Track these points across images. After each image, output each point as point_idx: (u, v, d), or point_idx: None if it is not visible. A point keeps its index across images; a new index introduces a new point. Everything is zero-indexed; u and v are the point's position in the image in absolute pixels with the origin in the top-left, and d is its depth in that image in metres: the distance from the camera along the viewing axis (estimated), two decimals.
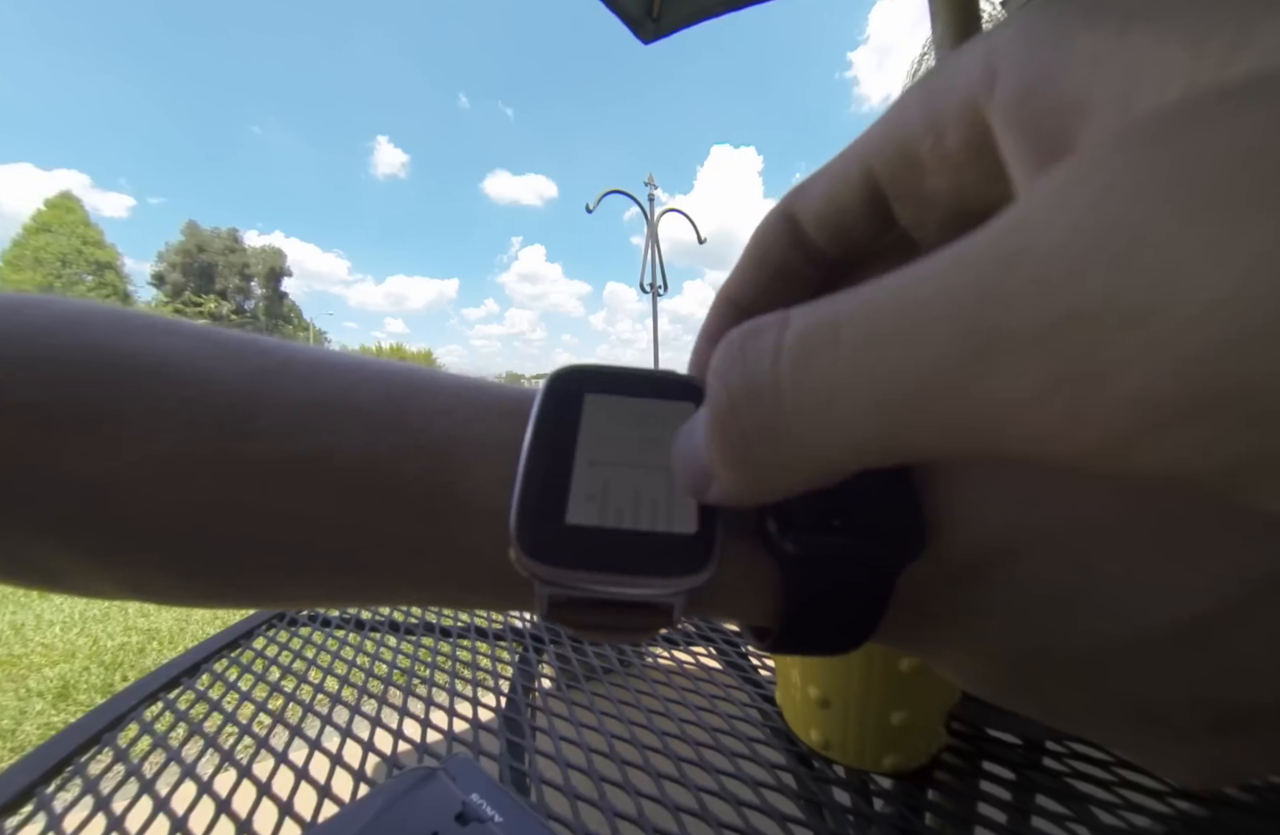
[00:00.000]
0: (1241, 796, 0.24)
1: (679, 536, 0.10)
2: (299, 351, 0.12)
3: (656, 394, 0.12)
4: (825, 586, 0.10)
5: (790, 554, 0.10)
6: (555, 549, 0.10)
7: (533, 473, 0.10)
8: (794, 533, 0.10)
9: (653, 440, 0.11)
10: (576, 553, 0.10)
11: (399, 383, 0.12)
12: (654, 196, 5.18)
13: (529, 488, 0.10)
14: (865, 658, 0.24)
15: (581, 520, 0.10)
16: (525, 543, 0.10)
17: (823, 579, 0.10)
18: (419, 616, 0.48)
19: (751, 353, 0.08)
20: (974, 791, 0.25)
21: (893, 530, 0.10)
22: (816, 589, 0.10)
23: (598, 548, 0.10)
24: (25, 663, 2.12)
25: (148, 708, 0.35)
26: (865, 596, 0.10)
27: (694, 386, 0.12)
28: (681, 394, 0.12)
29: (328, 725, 0.33)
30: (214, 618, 2.58)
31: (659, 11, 1.27)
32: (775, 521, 0.10)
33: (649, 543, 0.10)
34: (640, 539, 0.10)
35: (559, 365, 0.12)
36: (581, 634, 0.12)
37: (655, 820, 0.24)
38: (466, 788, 0.19)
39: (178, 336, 0.12)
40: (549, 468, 0.10)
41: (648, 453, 0.11)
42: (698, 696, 0.33)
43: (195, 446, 0.11)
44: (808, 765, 0.27)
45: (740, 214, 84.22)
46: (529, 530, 0.10)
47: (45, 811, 0.27)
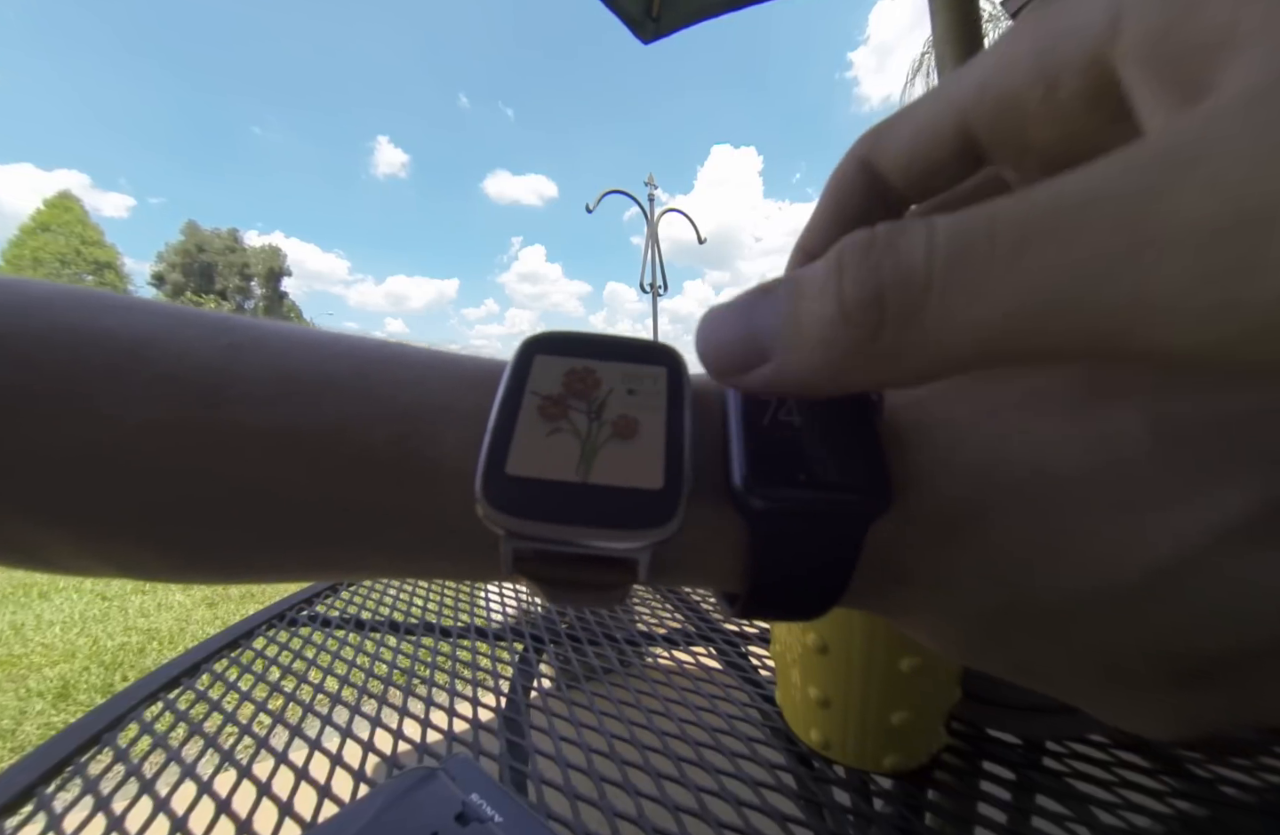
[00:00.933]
0: (1242, 796, 0.24)
1: (644, 491, 0.10)
2: (272, 328, 0.13)
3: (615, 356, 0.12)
4: (792, 543, 0.10)
5: (757, 509, 0.10)
6: (520, 501, 0.10)
7: (501, 431, 0.10)
8: (760, 488, 0.10)
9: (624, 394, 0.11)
10: (541, 505, 0.10)
11: (370, 356, 0.12)
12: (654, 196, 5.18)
13: (496, 445, 0.10)
14: (865, 658, 0.24)
15: (546, 474, 0.10)
16: (490, 495, 0.10)
17: (790, 535, 0.10)
18: (419, 617, 0.48)
19: (904, 245, 0.08)
20: (974, 791, 0.25)
21: (859, 484, 0.10)
22: (783, 546, 0.10)
23: (562, 500, 0.10)
24: (25, 663, 2.12)
25: (148, 708, 0.35)
26: (833, 553, 0.10)
27: (664, 352, 0.12)
28: (645, 357, 0.12)
29: (328, 725, 0.33)
30: (214, 618, 2.58)
31: (659, 11, 1.27)
32: (741, 477, 0.10)
33: (614, 496, 0.10)
34: (606, 493, 0.10)
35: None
36: (550, 596, 0.11)
37: (655, 820, 0.24)
38: (466, 788, 0.19)
39: (152, 315, 0.12)
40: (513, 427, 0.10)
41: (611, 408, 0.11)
42: (698, 696, 0.33)
43: (168, 418, 0.11)
44: (808, 765, 0.27)
45: (740, 214, 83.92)
46: (494, 484, 0.10)
47: (45, 811, 0.27)
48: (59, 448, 0.11)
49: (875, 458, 0.10)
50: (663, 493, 0.10)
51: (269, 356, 0.12)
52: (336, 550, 0.12)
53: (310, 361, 0.12)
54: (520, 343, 0.12)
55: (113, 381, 0.11)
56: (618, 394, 0.11)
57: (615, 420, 0.11)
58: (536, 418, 0.11)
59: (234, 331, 0.12)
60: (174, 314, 0.12)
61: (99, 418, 0.11)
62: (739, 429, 0.11)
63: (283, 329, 0.13)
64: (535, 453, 0.10)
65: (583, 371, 0.11)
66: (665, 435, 0.11)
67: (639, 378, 0.11)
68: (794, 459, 0.10)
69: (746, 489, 0.10)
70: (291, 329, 0.13)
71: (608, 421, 0.11)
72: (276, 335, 0.12)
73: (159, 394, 0.11)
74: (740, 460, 0.10)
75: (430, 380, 0.12)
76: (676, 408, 0.11)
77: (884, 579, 0.11)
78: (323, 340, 0.12)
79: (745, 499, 0.10)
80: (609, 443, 0.10)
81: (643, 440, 0.10)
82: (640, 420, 0.11)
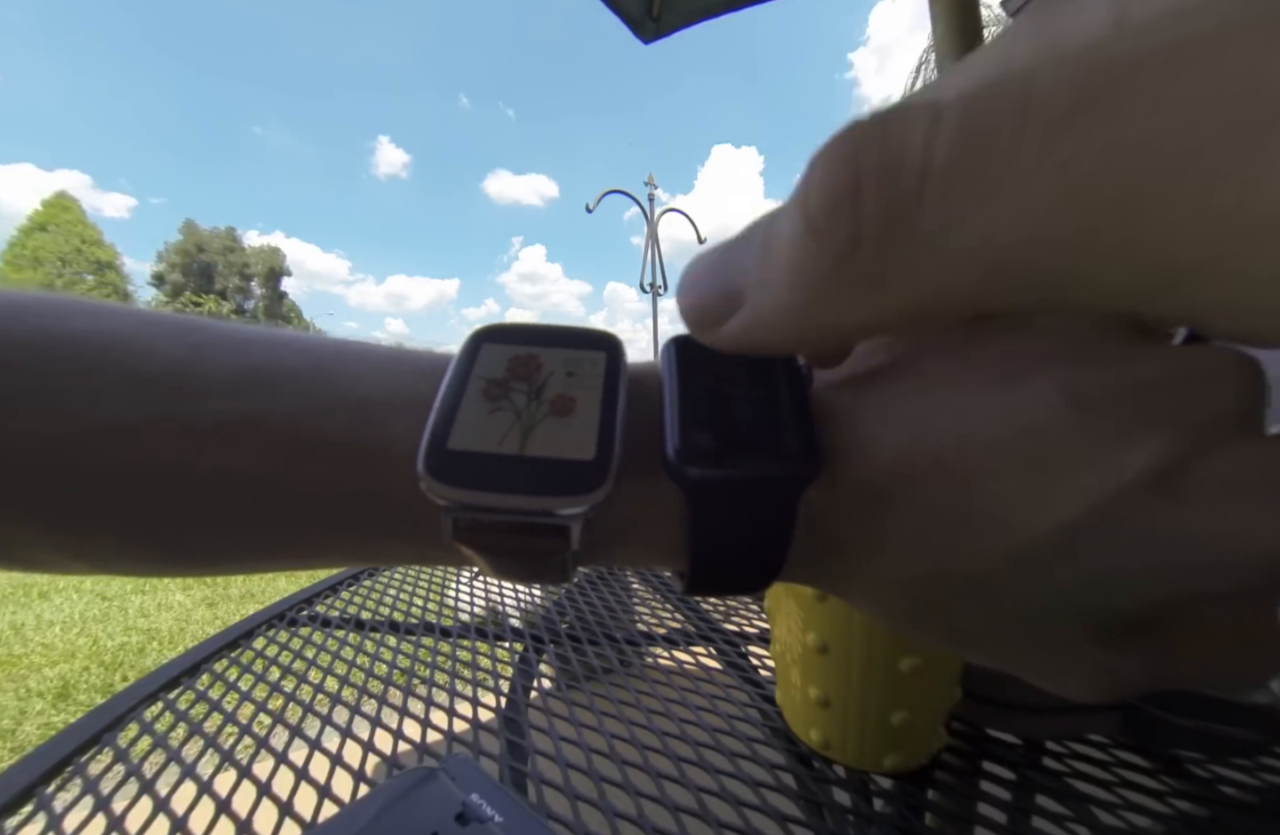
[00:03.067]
0: (1241, 796, 0.24)
1: (577, 462, 0.10)
2: (234, 329, 0.13)
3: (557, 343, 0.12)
4: (727, 512, 0.11)
5: (691, 479, 0.10)
6: (458, 472, 0.10)
7: (445, 410, 0.11)
8: (693, 458, 0.10)
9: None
10: (477, 475, 0.10)
11: (328, 352, 0.13)
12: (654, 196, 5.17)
13: (440, 423, 0.11)
14: (865, 658, 0.24)
15: (485, 447, 0.11)
16: (431, 467, 0.10)
17: (724, 504, 0.11)
18: (419, 617, 0.48)
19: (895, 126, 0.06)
20: (974, 791, 0.25)
21: (790, 453, 0.10)
22: (719, 515, 0.11)
23: (498, 470, 0.10)
24: (25, 663, 2.12)
25: (148, 708, 0.35)
26: (768, 522, 0.11)
27: (604, 339, 0.13)
28: (586, 344, 0.12)
29: (328, 725, 0.33)
30: (214, 618, 2.58)
31: (659, 11, 1.27)
32: (674, 448, 0.10)
33: (548, 466, 0.10)
34: (540, 464, 0.10)
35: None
36: (492, 567, 0.12)
37: (655, 820, 0.24)
38: (466, 788, 0.19)
39: (119, 320, 0.13)
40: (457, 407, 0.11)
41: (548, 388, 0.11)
42: (698, 696, 0.33)
43: (133, 414, 0.11)
44: (808, 765, 0.27)
45: (741, 214, 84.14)
46: (435, 457, 0.10)
47: (45, 811, 0.27)
48: (26, 446, 0.11)
49: (806, 428, 0.11)
50: (594, 462, 0.10)
51: (231, 354, 0.12)
52: (296, 536, 0.12)
53: (270, 358, 0.12)
54: (469, 333, 0.13)
55: (81, 380, 0.11)
56: (557, 376, 0.12)
57: (553, 399, 0.11)
58: (480, 399, 0.11)
59: (198, 332, 0.13)
60: (141, 317, 0.13)
61: (66, 415, 0.11)
62: (673, 402, 0.11)
63: (245, 330, 0.13)
64: (476, 429, 0.11)
65: (526, 357, 0.12)
66: (600, 412, 0.11)
67: (579, 362, 0.12)
68: (727, 430, 0.11)
69: (680, 459, 0.10)
70: (254, 330, 0.13)
71: (546, 400, 0.11)
72: (238, 335, 0.13)
73: (125, 391, 0.11)
74: (673, 432, 0.11)
75: (384, 373, 0.13)
76: (612, 388, 0.11)
77: (819, 548, 0.11)
78: (283, 339, 0.13)
79: (679, 469, 0.10)
80: (546, 419, 0.11)
81: (578, 417, 0.11)
82: (577, 399, 0.11)
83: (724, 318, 0.09)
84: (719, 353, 0.12)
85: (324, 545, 0.13)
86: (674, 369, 0.12)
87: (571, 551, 0.11)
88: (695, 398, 0.11)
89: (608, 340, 0.13)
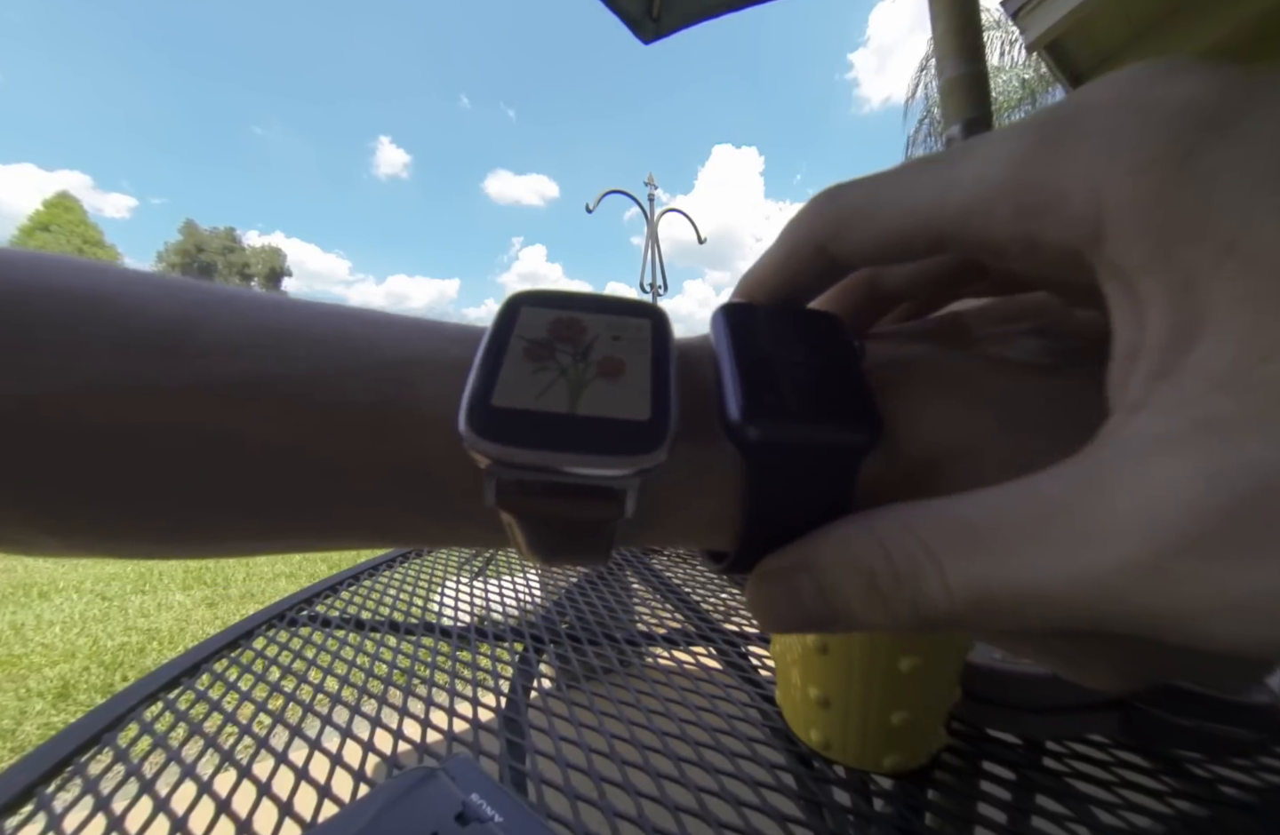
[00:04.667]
0: (1242, 796, 0.24)
1: (632, 421, 0.10)
2: (236, 290, 0.12)
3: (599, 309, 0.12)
4: (788, 477, 0.10)
5: (752, 441, 0.10)
6: (505, 429, 0.09)
7: (487, 368, 0.10)
8: (757, 418, 0.10)
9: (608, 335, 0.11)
10: (527, 432, 0.10)
11: (350, 317, 0.12)
12: (654, 196, 5.17)
13: (482, 378, 0.10)
14: (865, 658, 0.24)
15: (532, 405, 0.10)
16: (475, 423, 0.09)
17: (785, 468, 0.10)
18: (419, 617, 0.48)
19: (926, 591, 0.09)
20: (974, 791, 0.25)
21: (852, 419, 0.10)
22: (779, 480, 0.10)
23: (549, 428, 0.10)
24: (25, 663, 2.12)
25: (148, 708, 0.35)
26: (827, 489, 0.10)
27: (647, 307, 0.12)
28: (629, 311, 0.12)
29: (328, 725, 0.33)
30: (214, 618, 2.58)
31: (659, 11, 1.27)
32: (739, 408, 0.10)
33: (601, 425, 0.10)
34: (593, 422, 0.10)
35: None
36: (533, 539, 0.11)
37: (655, 820, 0.24)
38: (466, 788, 0.19)
39: (104, 274, 0.11)
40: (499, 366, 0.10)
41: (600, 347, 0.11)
42: (698, 696, 0.33)
43: (127, 370, 0.10)
44: (808, 765, 0.27)
45: (741, 214, 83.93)
46: (479, 413, 0.10)
47: (45, 811, 0.27)
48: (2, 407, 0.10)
49: (866, 396, 0.11)
50: (650, 423, 0.10)
51: (238, 312, 0.11)
52: (308, 509, 0.11)
53: (280, 319, 0.11)
54: (505, 298, 0.12)
55: (63, 334, 0.10)
56: (603, 339, 0.11)
57: (601, 361, 0.11)
58: (523, 358, 0.10)
59: (198, 291, 0.11)
60: (132, 274, 0.12)
61: (47, 373, 0.10)
62: (731, 364, 0.11)
63: (249, 292, 0.12)
64: (522, 386, 0.10)
65: (569, 320, 0.11)
66: (651, 373, 0.10)
67: (624, 326, 0.11)
68: (787, 394, 0.10)
69: (744, 419, 0.10)
70: (258, 293, 0.12)
71: (594, 362, 0.11)
72: (243, 295, 0.12)
73: (116, 347, 0.10)
74: (735, 393, 0.10)
75: (409, 337, 0.12)
76: (662, 349, 0.11)
77: None
78: (293, 302, 0.12)
79: (742, 430, 0.10)
80: (595, 381, 0.10)
81: (629, 379, 0.10)
82: (626, 360, 0.11)
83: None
84: (771, 320, 0.12)
85: (342, 522, 0.11)
86: (728, 333, 0.11)
87: (621, 521, 0.10)
88: (754, 360, 0.11)
89: (652, 309, 0.12)
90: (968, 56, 0.98)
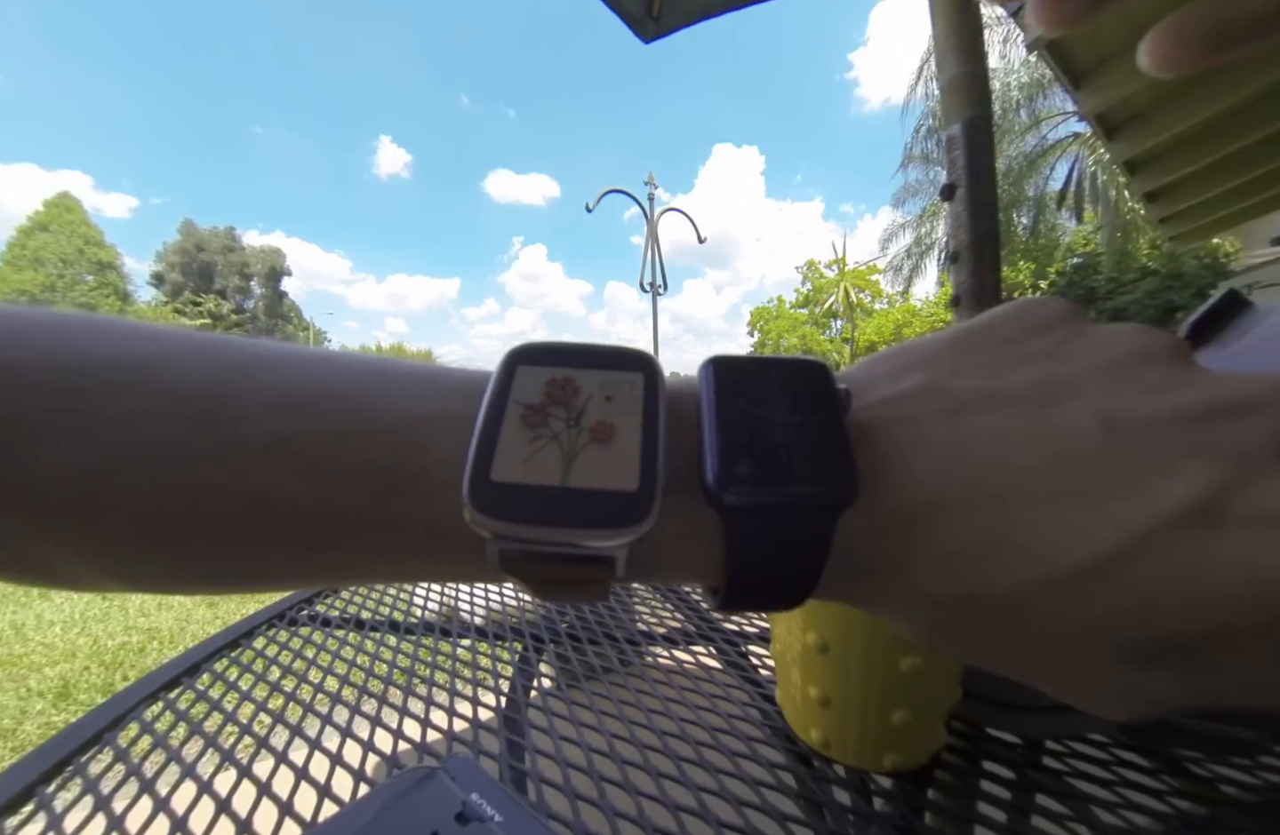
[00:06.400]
0: (1242, 796, 0.24)
1: (621, 493, 0.11)
2: (268, 347, 0.13)
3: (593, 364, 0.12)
4: (765, 536, 0.11)
5: (730, 505, 0.11)
6: (504, 505, 0.10)
7: (485, 439, 0.11)
8: (731, 484, 0.11)
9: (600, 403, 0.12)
10: (524, 508, 0.10)
11: (364, 371, 0.13)
12: (654, 196, 5.17)
13: (482, 454, 0.11)
14: (865, 657, 0.24)
15: (528, 479, 0.11)
16: (476, 501, 0.10)
17: (762, 528, 0.11)
18: (419, 617, 0.48)
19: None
20: (974, 791, 0.25)
21: (827, 478, 0.11)
22: (757, 538, 0.11)
23: (544, 503, 0.10)
24: (25, 662, 2.12)
25: (148, 707, 0.35)
26: (804, 544, 0.11)
27: (640, 358, 0.13)
28: (623, 365, 0.12)
29: (328, 725, 0.33)
30: (214, 618, 2.58)
31: (659, 11, 1.27)
32: (714, 475, 0.11)
33: (593, 498, 0.11)
34: (585, 496, 0.11)
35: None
36: (536, 592, 0.12)
37: (655, 820, 0.24)
38: (466, 787, 0.19)
39: (152, 340, 0.13)
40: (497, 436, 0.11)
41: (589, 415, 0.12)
42: (698, 696, 0.33)
43: (170, 435, 0.11)
44: (808, 765, 0.27)
45: (741, 213, 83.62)
46: (480, 490, 0.10)
47: (45, 811, 0.27)
48: (62, 465, 0.11)
49: (843, 452, 0.11)
50: (638, 494, 0.11)
51: (266, 374, 0.12)
52: (336, 556, 0.12)
53: (307, 378, 0.12)
54: (504, 353, 0.13)
55: (115, 404, 0.11)
56: (596, 400, 0.12)
57: (593, 426, 0.11)
58: (519, 426, 0.11)
59: (232, 352, 0.13)
60: (174, 337, 0.13)
61: (102, 436, 0.11)
62: (711, 428, 0.11)
63: (280, 349, 0.13)
64: (518, 459, 0.11)
65: (563, 380, 0.12)
66: (641, 439, 0.11)
67: (616, 384, 0.12)
68: (765, 454, 0.11)
69: (719, 486, 0.11)
70: (289, 348, 0.13)
71: (586, 427, 0.11)
72: (274, 354, 0.13)
73: (160, 414, 0.11)
74: (712, 458, 0.11)
75: (416, 391, 0.12)
76: (651, 412, 0.12)
77: (853, 569, 0.11)
78: (319, 357, 0.13)
79: (718, 496, 0.11)
80: (587, 447, 0.11)
81: (619, 444, 0.11)
82: (617, 425, 0.11)
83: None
84: (755, 373, 0.12)
85: (365, 566, 0.13)
86: (712, 392, 0.12)
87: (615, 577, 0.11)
88: (733, 422, 0.11)
89: (644, 360, 0.12)
90: (967, 56, 0.98)
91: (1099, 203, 11.96)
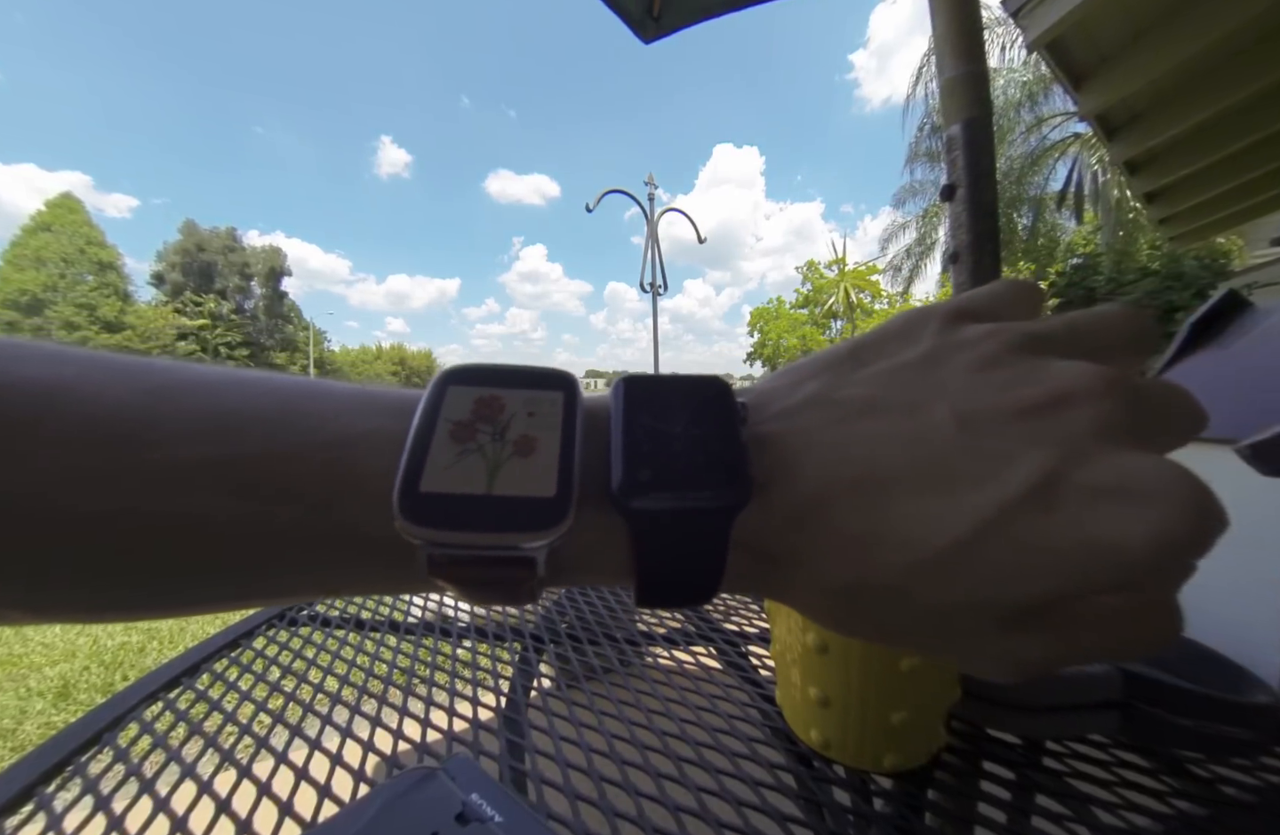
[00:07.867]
0: (1242, 796, 0.24)
1: (540, 499, 0.12)
2: (196, 370, 0.13)
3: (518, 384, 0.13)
4: (666, 537, 0.12)
5: (632, 510, 0.12)
6: (432, 513, 0.11)
7: (416, 453, 0.12)
8: (633, 492, 0.12)
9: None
10: (450, 516, 0.11)
11: (295, 393, 0.13)
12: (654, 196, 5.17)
13: (412, 466, 0.12)
14: (865, 658, 0.24)
15: (455, 488, 0.12)
16: (405, 510, 0.11)
17: (663, 531, 0.12)
18: (419, 617, 0.48)
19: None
20: (974, 791, 0.25)
21: (722, 483, 0.12)
22: (659, 540, 0.12)
23: (469, 510, 0.11)
24: (25, 662, 2.12)
25: (148, 707, 0.35)
26: (703, 544, 0.12)
27: (561, 378, 0.14)
28: (545, 384, 0.13)
29: (328, 725, 0.33)
30: (214, 617, 2.57)
31: (659, 11, 1.27)
32: (617, 484, 0.12)
33: (514, 504, 0.12)
34: (506, 502, 0.12)
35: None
36: (466, 596, 0.13)
37: (655, 820, 0.24)
38: (466, 788, 0.19)
39: (69, 364, 0.12)
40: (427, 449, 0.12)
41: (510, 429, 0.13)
42: (698, 696, 0.33)
43: (88, 460, 0.11)
44: (808, 765, 0.27)
45: (742, 213, 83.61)
46: (409, 500, 0.11)
47: (45, 811, 0.27)
48: None
49: (735, 459, 0.12)
50: (555, 499, 0.12)
51: (195, 397, 0.12)
52: (262, 575, 0.12)
53: (235, 399, 0.12)
54: (436, 375, 0.14)
55: (28, 430, 0.11)
56: (520, 417, 0.13)
57: (517, 439, 0.12)
58: (448, 440, 0.12)
59: (157, 375, 0.13)
60: (96, 361, 0.13)
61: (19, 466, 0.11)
62: (618, 440, 0.13)
63: (209, 371, 0.13)
64: (446, 470, 0.12)
65: (489, 398, 0.13)
66: (559, 451, 0.12)
67: (539, 402, 0.13)
68: (664, 464, 0.12)
69: (622, 493, 0.12)
70: (218, 371, 0.13)
71: (510, 440, 0.12)
72: (201, 377, 0.13)
73: (78, 438, 0.11)
74: (617, 467, 0.12)
75: (349, 412, 0.13)
76: (569, 427, 0.13)
77: (755, 562, 0.13)
78: (248, 379, 0.13)
79: (622, 501, 0.12)
80: (511, 459, 0.12)
81: (539, 455, 0.12)
82: (539, 438, 0.12)
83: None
84: (661, 390, 0.13)
85: (293, 584, 0.13)
86: (621, 408, 0.13)
87: (538, 578, 0.12)
88: (637, 435, 0.13)
89: (565, 380, 0.14)
90: (967, 56, 0.98)
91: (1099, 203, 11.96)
